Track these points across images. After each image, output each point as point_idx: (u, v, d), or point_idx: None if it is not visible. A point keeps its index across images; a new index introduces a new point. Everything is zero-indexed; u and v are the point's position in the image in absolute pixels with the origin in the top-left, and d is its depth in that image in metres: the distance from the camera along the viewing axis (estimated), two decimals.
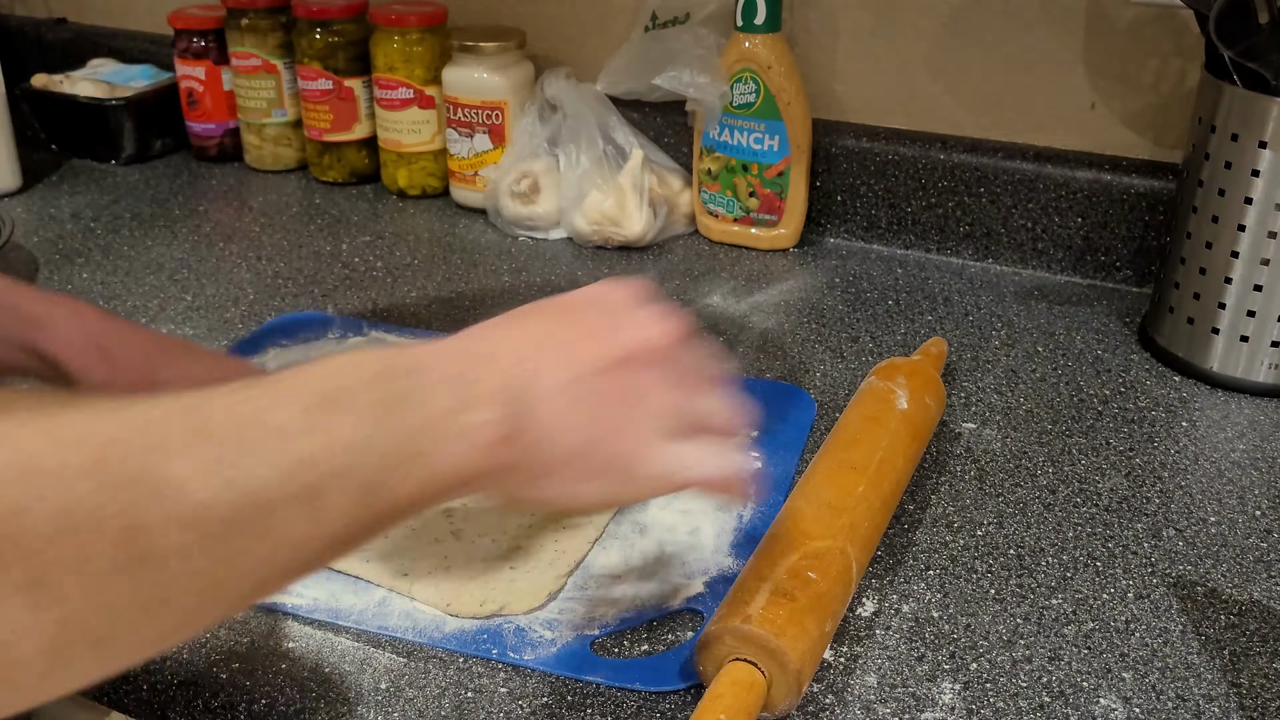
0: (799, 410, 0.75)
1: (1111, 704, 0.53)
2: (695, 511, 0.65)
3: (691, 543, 0.63)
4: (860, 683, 0.54)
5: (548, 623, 0.57)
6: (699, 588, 0.59)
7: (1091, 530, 0.65)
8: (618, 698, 0.53)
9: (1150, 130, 0.94)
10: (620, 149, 1.03)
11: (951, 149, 0.97)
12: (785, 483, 0.68)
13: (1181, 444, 0.74)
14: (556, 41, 1.12)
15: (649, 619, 0.57)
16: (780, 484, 0.68)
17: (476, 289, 0.93)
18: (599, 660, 0.55)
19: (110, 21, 1.36)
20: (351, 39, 1.10)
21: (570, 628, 0.57)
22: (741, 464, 0.49)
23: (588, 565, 0.61)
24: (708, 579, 0.60)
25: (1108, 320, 0.90)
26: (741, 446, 0.53)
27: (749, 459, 0.59)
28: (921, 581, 0.61)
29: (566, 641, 0.56)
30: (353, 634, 0.56)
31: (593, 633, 0.56)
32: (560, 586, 0.59)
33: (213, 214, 1.09)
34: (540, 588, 0.59)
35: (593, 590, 0.59)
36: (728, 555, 0.62)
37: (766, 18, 0.94)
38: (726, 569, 0.61)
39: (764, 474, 0.68)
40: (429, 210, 1.10)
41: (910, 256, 1.01)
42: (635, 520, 0.64)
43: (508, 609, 0.57)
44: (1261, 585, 0.61)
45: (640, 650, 0.56)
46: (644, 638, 0.56)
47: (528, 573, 0.60)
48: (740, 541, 0.63)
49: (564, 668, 0.54)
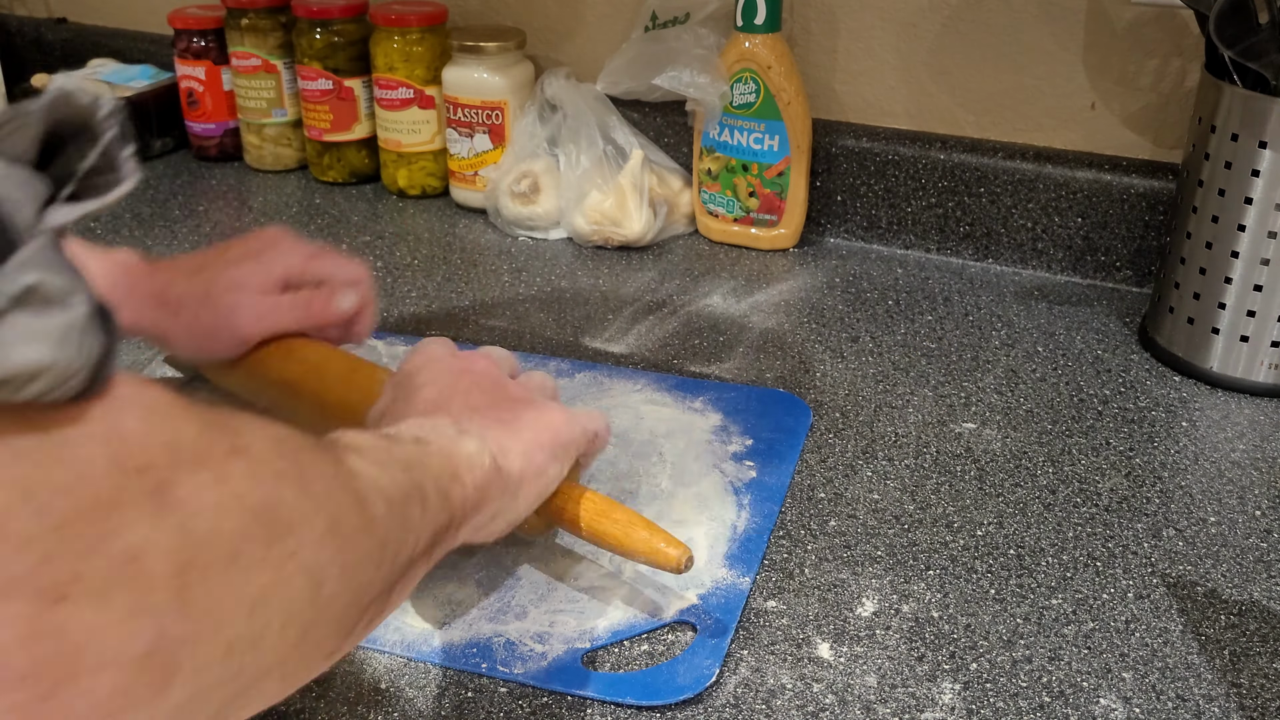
0: (794, 418, 0.75)
1: (1111, 704, 0.53)
2: (689, 522, 0.65)
3: None
4: (860, 683, 0.54)
5: (538, 635, 0.56)
6: (692, 599, 0.59)
7: (1091, 530, 0.65)
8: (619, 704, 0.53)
9: (1150, 130, 0.94)
10: (620, 149, 1.03)
11: (951, 149, 0.97)
12: (780, 492, 0.67)
13: (1181, 444, 0.74)
14: (556, 41, 1.12)
15: (641, 631, 0.57)
16: (774, 494, 0.67)
17: (476, 289, 0.93)
18: (590, 674, 0.54)
19: (110, 21, 1.36)
20: (351, 39, 1.10)
21: (561, 640, 0.56)
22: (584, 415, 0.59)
23: (579, 576, 0.60)
24: (701, 591, 0.59)
25: (1108, 320, 0.90)
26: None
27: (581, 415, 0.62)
28: (921, 581, 0.61)
29: (557, 655, 0.55)
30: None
31: (584, 645, 0.56)
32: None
33: (213, 214, 1.09)
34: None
35: (584, 602, 0.59)
36: (721, 566, 0.61)
37: (766, 18, 0.94)
38: (721, 580, 0.60)
39: (758, 484, 0.68)
40: (429, 210, 1.10)
41: (910, 256, 1.01)
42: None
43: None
44: (1261, 585, 0.61)
45: (633, 663, 0.55)
46: (636, 650, 0.56)
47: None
48: (734, 553, 0.62)
49: (556, 682, 0.53)
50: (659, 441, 0.72)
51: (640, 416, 0.74)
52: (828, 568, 0.62)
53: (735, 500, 0.67)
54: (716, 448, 0.71)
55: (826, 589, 0.60)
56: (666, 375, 0.80)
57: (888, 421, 0.75)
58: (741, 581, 0.60)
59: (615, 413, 0.75)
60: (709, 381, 0.79)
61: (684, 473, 0.69)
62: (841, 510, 0.66)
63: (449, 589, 0.59)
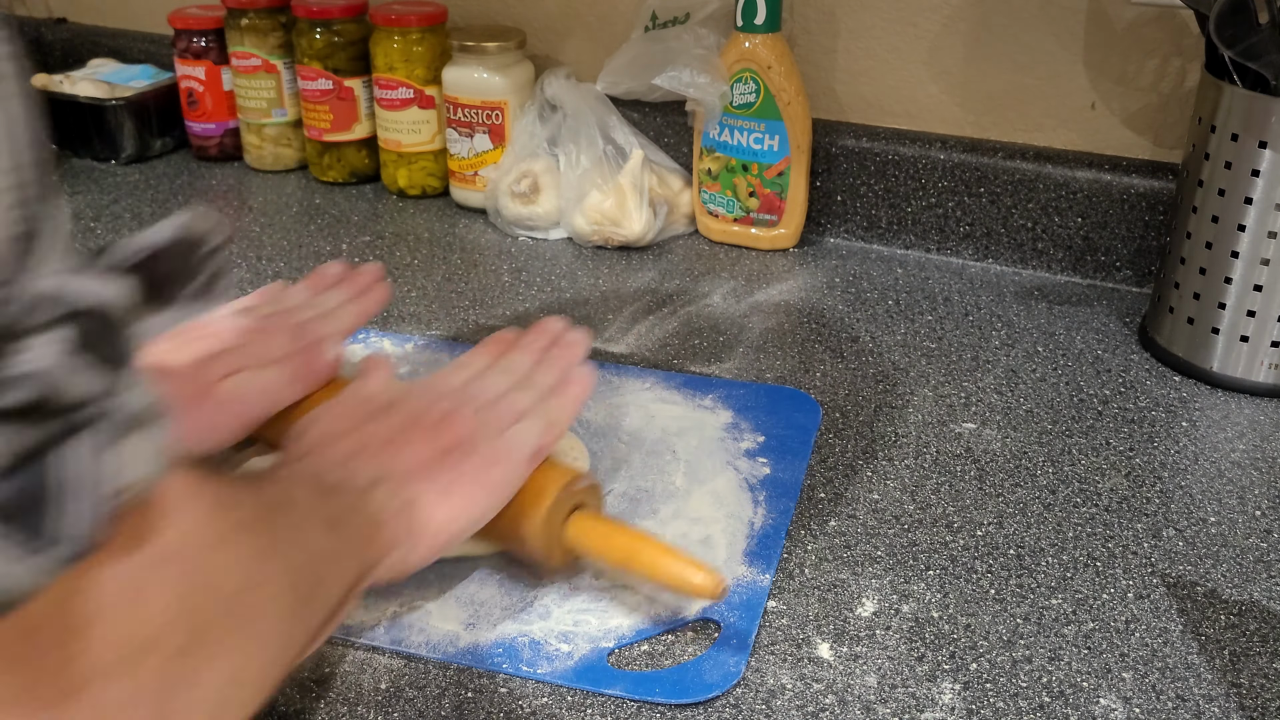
0: (804, 414, 0.75)
1: (1111, 704, 0.53)
2: (706, 520, 0.64)
3: (704, 552, 0.61)
4: (860, 683, 0.54)
5: (563, 635, 0.56)
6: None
7: (1091, 530, 0.65)
8: (616, 699, 0.53)
9: (1150, 130, 0.94)
10: (620, 149, 1.03)
11: (951, 149, 0.97)
12: (795, 488, 0.67)
13: (1181, 444, 0.74)
14: (556, 41, 1.12)
15: (665, 629, 0.57)
16: (789, 490, 0.67)
17: (476, 289, 0.93)
18: (617, 673, 0.54)
19: (110, 21, 1.36)
20: (351, 39, 1.10)
21: (586, 640, 0.56)
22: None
23: (598, 574, 0.60)
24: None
25: (1108, 320, 0.90)
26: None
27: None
28: (921, 581, 0.61)
29: (583, 654, 0.55)
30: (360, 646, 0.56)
31: (609, 645, 0.56)
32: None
33: None
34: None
35: (607, 602, 0.59)
36: (741, 563, 0.61)
37: (766, 18, 0.94)
38: (741, 577, 0.60)
39: (773, 480, 0.68)
40: (429, 210, 1.10)
41: (910, 256, 1.01)
42: (644, 529, 0.63)
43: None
44: (1261, 585, 0.61)
45: (658, 661, 0.55)
46: (661, 649, 0.56)
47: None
48: (753, 550, 0.62)
49: (583, 681, 0.53)
50: (671, 439, 0.72)
51: (651, 415, 0.74)
52: (828, 568, 0.62)
53: (751, 497, 0.66)
54: (729, 445, 0.71)
55: (826, 589, 0.60)
56: (674, 373, 0.80)
57: (888, 421, 0.75)
58: (762, 579, 0.60)
59: (627, 410, 0.75)
60: (717, 379, 0.79)
61: (698, 470, 0.69)
62: (841, 510, 0.66)
63: (471, 589, 0.59)
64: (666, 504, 0.66)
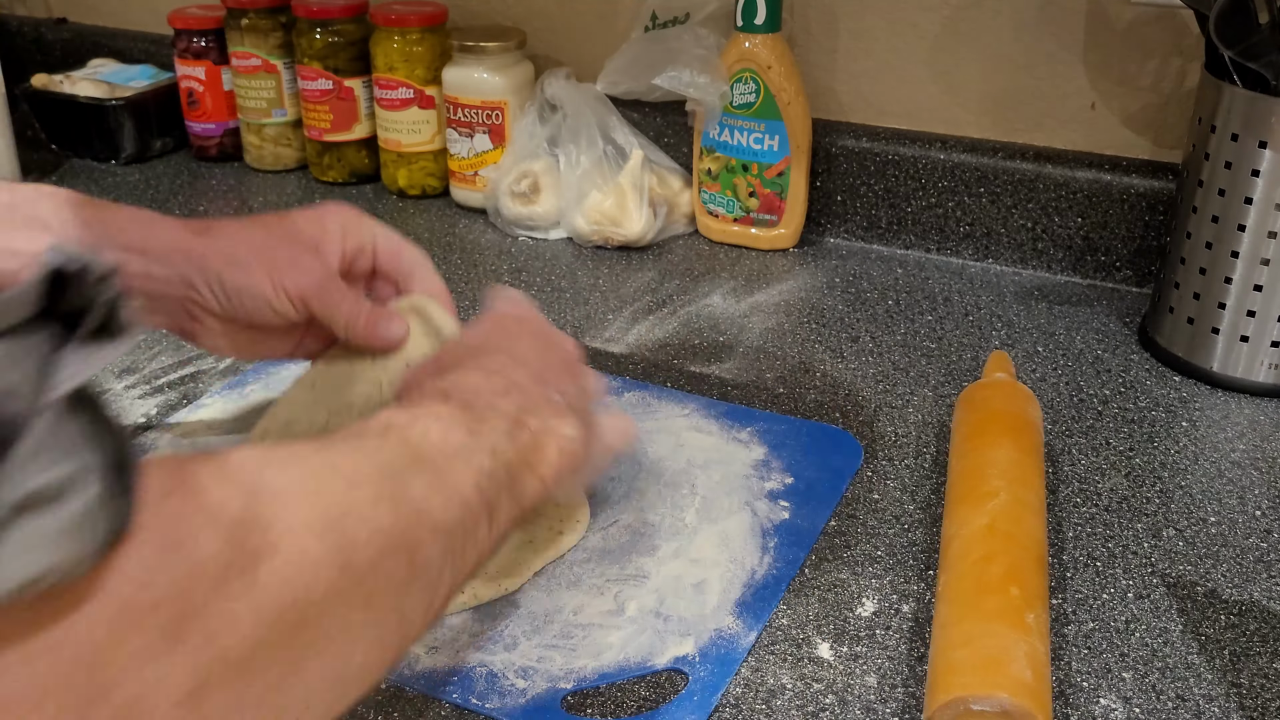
0: (842, 457, 0.71)
1: (1111, 704, 0.53)
2: (706, 562, 0.61)
3: (694, 597, 0.59)
4: (860, 683, 0.54)
5: (522, 670, 0.54)
6: (689, 648, 0.55)
7: (1091, 530, 0.65)
8: None
9: (1150, 130, 0.94)
10: (620, 149, 1.03)
11: (951, 149, 0.97)
12: (811, 537, 0.63)
13: (1181, 444, 0.74)
14: (556, 41, 1.12)
15: (629, 676, 0.54)
16: (804, 539, 0.63)
17: (476, 289, 0.93)
18: (568, 718, 0.51)
19: (110, 21, 1.36)
20: (351, 39, 1.10)
21: (545, 678, 0.53)
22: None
23: (580, 610, 0.58)
24: (701, 641, 0.56)
25: (1108, 320, 0.90)
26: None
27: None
28: (921, 581, 0.61)
29: (538, 693, 0.52)
30: None
31: (567, 686, 0.53)
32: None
33: (213, 214, 1.09)
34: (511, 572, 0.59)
35: (578, 638, 0.56)
36: (729, 614, 0.58)
37: (766, 18, 0.94)
38: (725, 629, 0.57)
39: (789, 526, 0.64)
40: (429, 210, 1.10)
41: (910, 256, 1.01)
42: (639, 566, 0.61)
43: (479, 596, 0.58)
44: (1261, 585, 0.61)
45: (612, 710, 0.52)
46: (620, 696, 0.53)
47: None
48: (748, 600, 0.58)
49: None
50: (694, 472, 0.68)
51: (681, 444, 0.71)
52: (828, 568, 0.62)
53: (761, 543, 0.63)
54: (753, 483, 0.68)
55: (826, 589, 0.60)
56: (718, 401, 0.76)
57: (888, 421, 0.75)
58: (745, 638, 0.56)
59: (656, 437, 0.72)
60: (760, 411, 0.75)
61: (713, 508, 0.65)
62: (841, 510, 0.66)
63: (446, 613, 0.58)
64: (669, 541, 0.63)
